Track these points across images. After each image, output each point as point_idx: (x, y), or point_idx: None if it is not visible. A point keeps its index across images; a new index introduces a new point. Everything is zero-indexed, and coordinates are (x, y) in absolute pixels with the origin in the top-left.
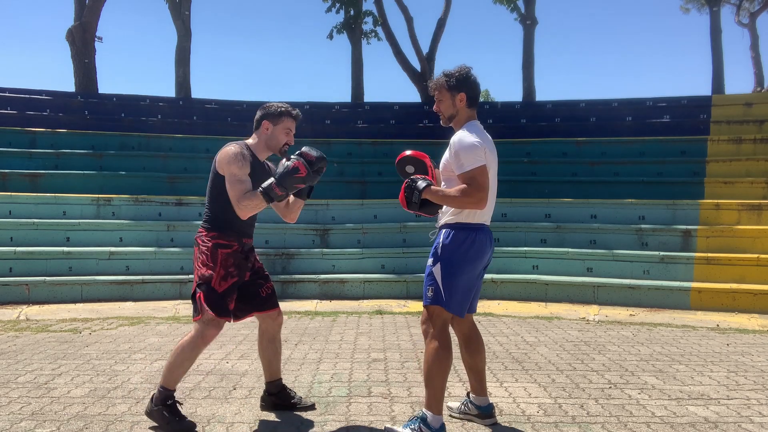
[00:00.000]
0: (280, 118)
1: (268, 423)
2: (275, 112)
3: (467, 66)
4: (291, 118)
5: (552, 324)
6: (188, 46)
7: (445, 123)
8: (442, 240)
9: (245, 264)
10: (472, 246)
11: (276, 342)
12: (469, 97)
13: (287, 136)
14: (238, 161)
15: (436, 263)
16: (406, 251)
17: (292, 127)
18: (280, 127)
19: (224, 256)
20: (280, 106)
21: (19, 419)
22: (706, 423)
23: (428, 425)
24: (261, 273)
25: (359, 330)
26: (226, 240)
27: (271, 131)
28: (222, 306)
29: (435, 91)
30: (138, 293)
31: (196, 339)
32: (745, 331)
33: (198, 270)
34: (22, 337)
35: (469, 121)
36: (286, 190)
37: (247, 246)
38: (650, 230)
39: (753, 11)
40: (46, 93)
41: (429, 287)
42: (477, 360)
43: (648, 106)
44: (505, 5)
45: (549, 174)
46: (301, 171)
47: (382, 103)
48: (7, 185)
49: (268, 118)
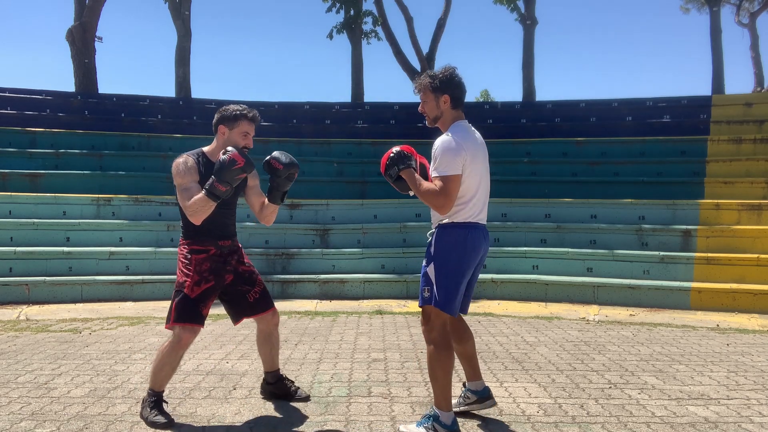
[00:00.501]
0: (236, 121)
1: (268, 423)
2: (230, 116)
3: (452, 66)
4: (248, 120)
5: (552, 324)
6: (188, 46)
7: (430, 124)
8: (435, 240)
9: (223, 267)
10: (464, 245)
11: (272, 338)
12: (454, 98)
13: (245, 139)
14: (180, 171)
15: (429, 263)
16: (406, 251)
17: (249, 130)
18: (236, 131)
19: (198, 261)
20: (236, 108)
21: (19, 419)
22: (706, 423)
23: (441, 423)
24: (247, 277)
25: (359, 330)
26: (200, 245)
27: (227, 135)
28: (194, 311)
29: (419, 92)
30: (138, 293)
31: (174, 344)
32: (745, 331)
33: (177, 278)
34: (22, 337)
35: (456, 121)
36: (228, 184)
37: (226, 248)
38: (650, 230)
39: (753, 11)
40: (46, 93)
41: (424, 288)
42: (467, 347)
43: (648, 106)
44: (505, 5)
45: (549, 174)
46: (238, 162)
47: (382, 103)
48: (7, 185)
49: (223, 122)
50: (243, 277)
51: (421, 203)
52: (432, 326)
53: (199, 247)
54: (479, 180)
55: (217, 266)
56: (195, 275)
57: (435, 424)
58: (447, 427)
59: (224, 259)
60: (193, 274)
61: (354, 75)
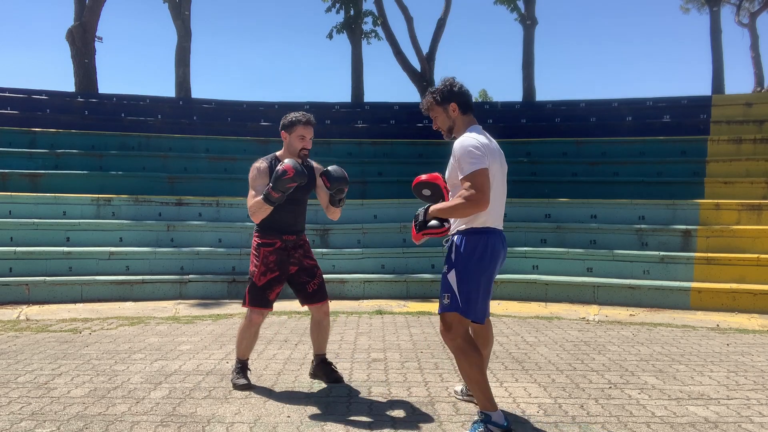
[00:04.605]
0: (292, 127)
1: (268, 423)
2: (287, 123)
3: (450, 77)
4: (302, 125)
5: (552, 324)
6: (188, 46)
7: (447, 137)
8: (456, 247)
9: (287, 260)
10: (485, 250)
11: (321, 325)
12: (461, 104)
13: (302, 141)
14: (253, 175)
15: (450, 270)
16: (406, 251)
17: (305, 133)
18: (294, 135)
19: (266, 253)
20: (294, 115)
21: (19, 419)
22: (706, 423)
23: (493, 422)
24: (310, 270)
25: (359, 330)
26: (268, 239)
27: (288, 140)
28: (261, 297)
29: (427, 111)
30: (138, 293)
31: (246, 322)
32: (745, 331)
33: (250, 267)
34: (22, 337)
35: (470, 126)
36: (281, 191)
37: (290, 242)
38: (650, 230)
39: (753, 11)
40: (46, 93)
41: (445, 295)
42: (484, 353)
43: (648, 106)
44: (505, 5)
45: (549, 174)
46: (288, 173)
47: (382, 103)
48: (7, 185)
49: (283, 129)
50: (306, 270)
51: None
52: (455, 334)
53: (267, 240)
54: (498, 185)
55: (281, 258)
56: (262, 266)
57: (488, 426)
58: (501, 426)
59: (288, 252)
60: (260, 264)
61: (354, 75)
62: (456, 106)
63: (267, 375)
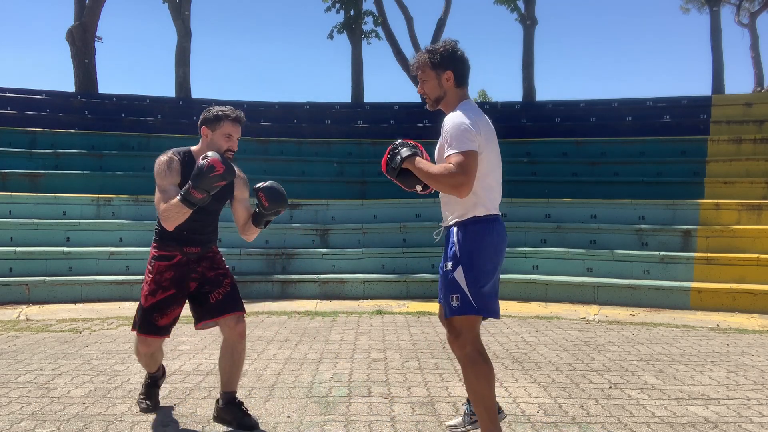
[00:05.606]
0: (218, 122)
1: (268, 423)
2: (211, 117)
3: (453, 40)
4: (230, 120)
5: (552, 324)
6: (188, 46)
7: (431, 106)
8: (458, 240)
9: (187, 275)
10: (491, 239)
11: (235, 352)
12: (457, 75)
13: (228, 141)
14: (161, 171)
15: (456, 267)
16: (406, 251)
17: (233, 132)
18: (219, 133)
19: (161, 268)
20: (219, 109)
21: (19, 419)
22: (706, 423)
23: None
24: (213, 280)
25: (359, 330)
26: (166, 251)
27: (210, 137)
28: (148, 322)
29: (418, 70)
30: (138, 293)
31: (135, 349)
32: (745, 331)
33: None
34: (22, 337)
35: (462, 101)
36: (205, 191)
37: (194, 255)
38: (650, 230)
39: (753, 11)
40: (46, 93)
41: (452, 296)
42: None
43: (648, 106)
44: (505, 5)
45: (549, 174)
46: (217, 168)
47: (382, 103)
48: (7, 185)
49: (206, 124)
50: (209, 280)
51: (421, 203)
52: (465, 341)
53: (165, 253)
54: (494, 167)
55: (180, 274)
56: (152, 284)
57: None
58: None
59: (190, 267)
60: (150, 282)
61: (354, 75)
62: (452, 75)
63: (267, 375)
